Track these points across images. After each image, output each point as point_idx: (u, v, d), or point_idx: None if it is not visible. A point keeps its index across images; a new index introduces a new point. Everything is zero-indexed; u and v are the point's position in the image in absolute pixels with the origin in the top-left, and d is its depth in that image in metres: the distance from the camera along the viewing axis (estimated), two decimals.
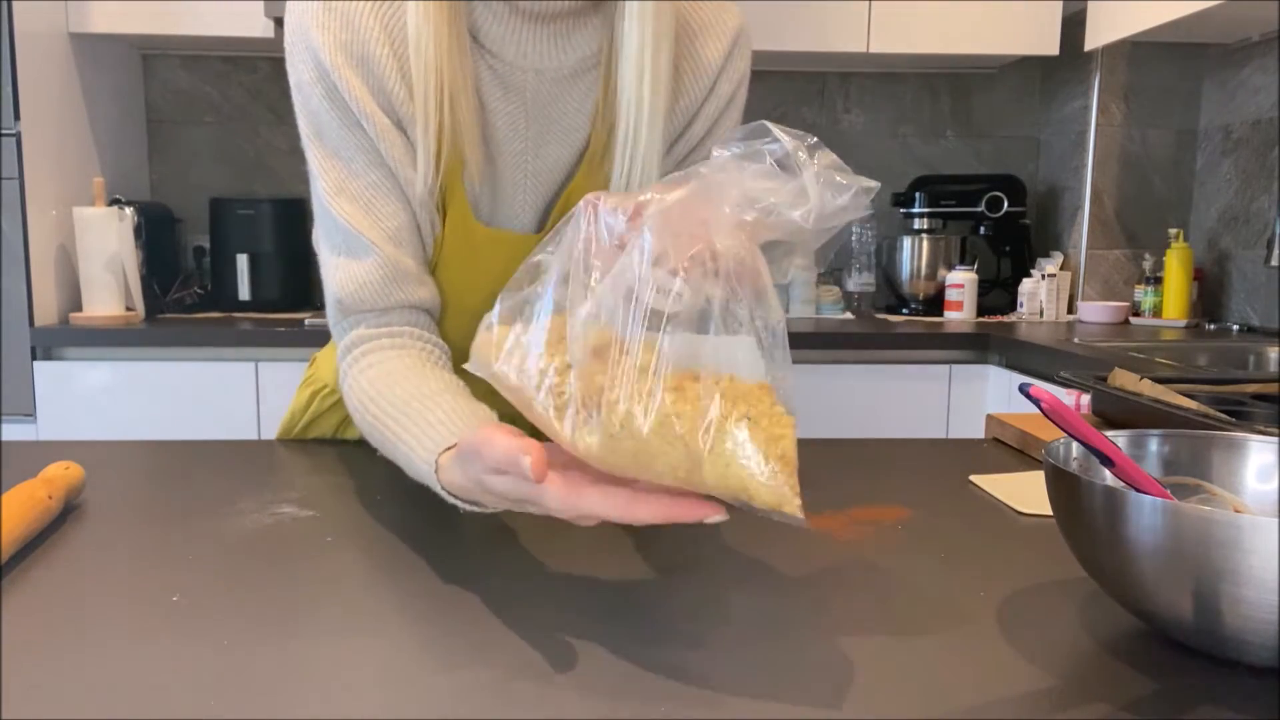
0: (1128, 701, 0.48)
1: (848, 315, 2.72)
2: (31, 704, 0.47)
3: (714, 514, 0.50)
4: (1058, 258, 2.73)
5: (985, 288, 2.76)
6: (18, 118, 2.16)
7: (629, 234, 0.53)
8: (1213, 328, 2.49)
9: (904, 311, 2.78)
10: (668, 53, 0.83)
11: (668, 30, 0.83)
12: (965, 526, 0.56)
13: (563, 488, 0.51)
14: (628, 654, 0.53)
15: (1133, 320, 2.64)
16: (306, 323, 2.31)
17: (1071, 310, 2.74)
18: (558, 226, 0.57)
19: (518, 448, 0.50)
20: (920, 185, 2.76)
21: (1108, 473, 0.58)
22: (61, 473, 0.76)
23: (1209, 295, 2.63)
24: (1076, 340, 2.22)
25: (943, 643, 0.55)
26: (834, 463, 0.94)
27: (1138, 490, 0.53)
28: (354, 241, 0.83)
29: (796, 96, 2.88)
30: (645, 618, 0.58)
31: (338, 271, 0.84)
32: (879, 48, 2.54)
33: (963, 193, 2.74)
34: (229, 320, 2.39)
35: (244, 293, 2.54)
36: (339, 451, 0.98)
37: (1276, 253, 2.13)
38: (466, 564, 0.67)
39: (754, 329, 0.51)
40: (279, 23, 2.36)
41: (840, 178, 0.51)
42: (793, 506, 0.49)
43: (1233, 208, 2.56)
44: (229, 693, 0.48)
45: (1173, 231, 2.58)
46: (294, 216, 2.62)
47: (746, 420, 0.50)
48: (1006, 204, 2.72)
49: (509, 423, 0.57)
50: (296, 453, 0.98)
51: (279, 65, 2.74)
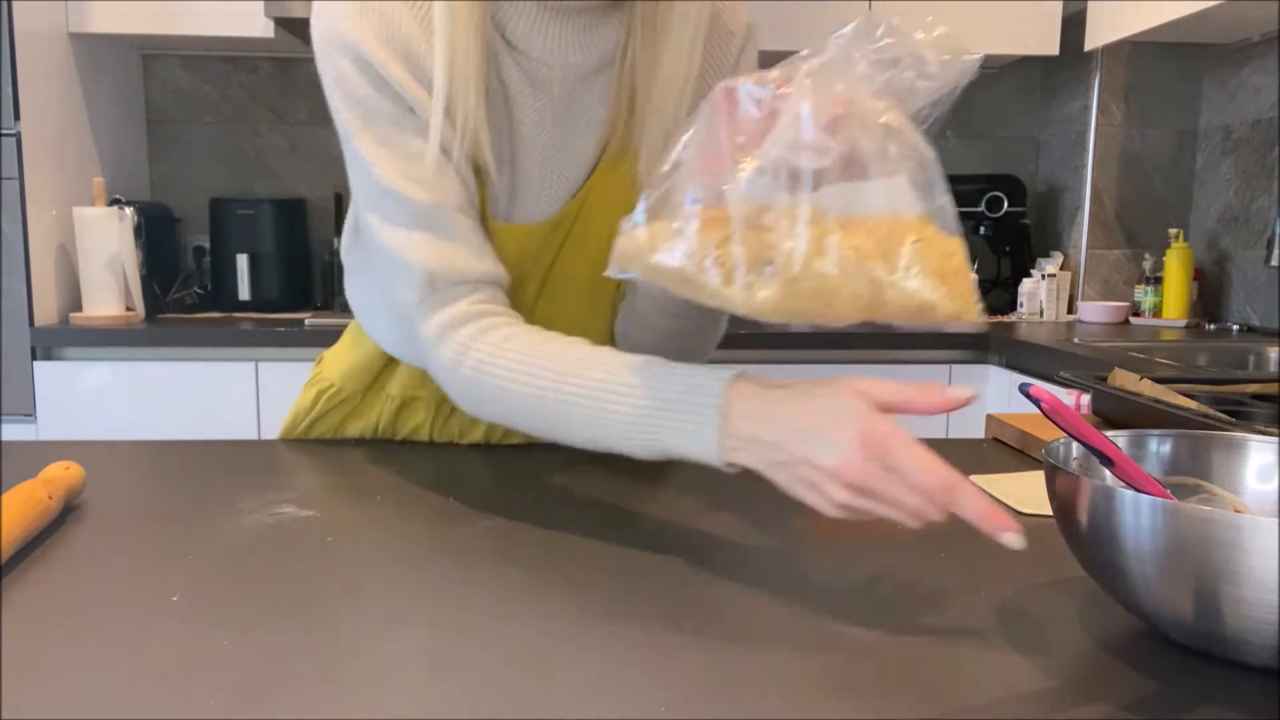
0: (1128, 702, 0.48)
1: None
2: (31, 704, 0.47)
3: (1013, 534, 0.54)
4: (1058, 258, 2.73)
5: (985, 288, 2.75)
6: (18, 118, 2.16)
7: (777, 102, 0.59)
8: (1213, 328, 2.49)
9: None
10: (700, 49, 0.85)
11: (702, 28, 0.85)
12: (965, 526, 0.56)
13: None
14: (628, 653, 0.53)
15: (1133, 320, 2.64)
16: (306, 323, 2.30)
17: (1071, 310, 2.74)
18: (688, 122, 0.62)
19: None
20: None
21: (1108, 473, 0.58)
22: (61, 473, 0.76)
23: (1209, 295, 2.63)
24: (1076, 340, 2.22)
25: (942, 643, 0.55)
26: None
27: (1138, 490, 0.53)
28: (431, 216, 0.80)
29: None
30: (645, 617, 0.58)
31: (423, 246, 0.80)
32: None
33: (963, 192, 2.74)
34: (229, 320, 2.39)
35: (244, 293, 2.54)
36: (339, 451, 0.98)
37: (1276, 253, 2.13)
38: (466, 564, 0.67)
39: (906, 169, 0.57)
40: (279, 23, 2.36)
41: (948, 47, 0.58)
42: (973, 313, 0.57)
43: (1233, 208, 2.56)
44: (229, 693, 0.48)
45: (1173, 231, 2.58)
46: (294, 216, 2.62)
47: (918, 244, 0.56)
48: (1006, 204, 2.72)
49: None
50: (296, 453, 0.98)
51: (279, 65, 2.77)
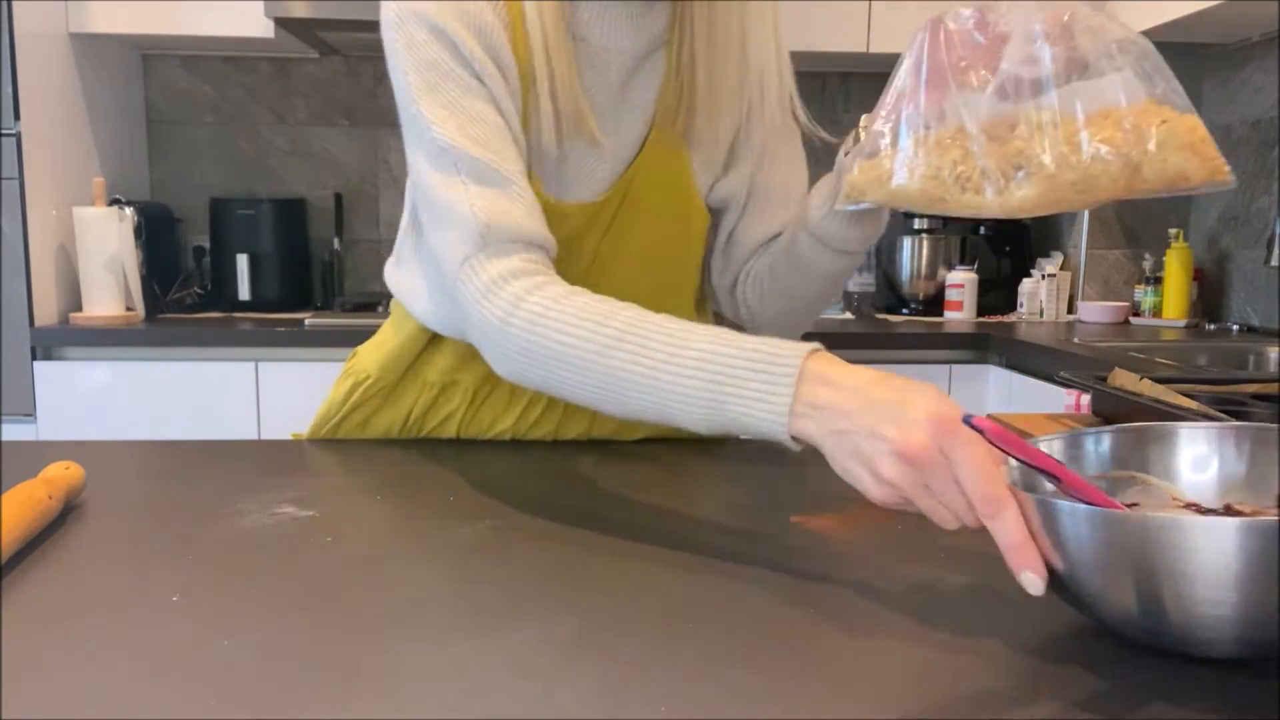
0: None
1: (848, 315, 2.72)
2: (31, 704, 0.47)
3: (1035, 576, 0.53)
4: (1058, 258, 2.73)
5: (985, 287, 2.75)
6: (18, 118, 2.16)
7: (997, 24, 0.68)
8: (1213, 328, 2.49)
9: (904, 311, 2.78)
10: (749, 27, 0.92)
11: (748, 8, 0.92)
12: (965, 526, 0.56)
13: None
14: (627, 654, 0.53)
15: (1133, 320, 2.64)
16: (306, 323, 2.30)
17: (1071, 310, 2.74)
18: (901, 59, 0.72)
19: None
20: None
21: (1050, 486, 0.58)
22: (61, 473, 0.76)
23: (1209, 295, 2.63)
24: (1076, 340, 2.22)
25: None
26: None
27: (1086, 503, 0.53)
28: (489, 173, 0.81)
29: None
30: (645, 618, 0.58)
31: (479, 199, 0.80)
32: (879, 48, 2.53)
33: None
34: (229, 320, 2.39)
35: (244, 293, 2.54)
36: (339, 451, 0.99)
37: (1276, 253, 2.13)
38: (466, 564, 0.67)
39: (1129, 62, 0.65)
40: (279, 23, 2.36)
41: None
42: (1224, 174, 0.64)
43: (1233, 208, 2.56)
44: (229, 693, 0.48)
45: (1173, 231, 2.58)
46: (294, 216, 2.62)
47: (1163, 123, 0.64)
48: None
49: None
50: (296, 452, 0.98)
51: (279, 65, 2.77)
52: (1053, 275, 2.68)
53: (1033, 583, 0.52)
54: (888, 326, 2.47)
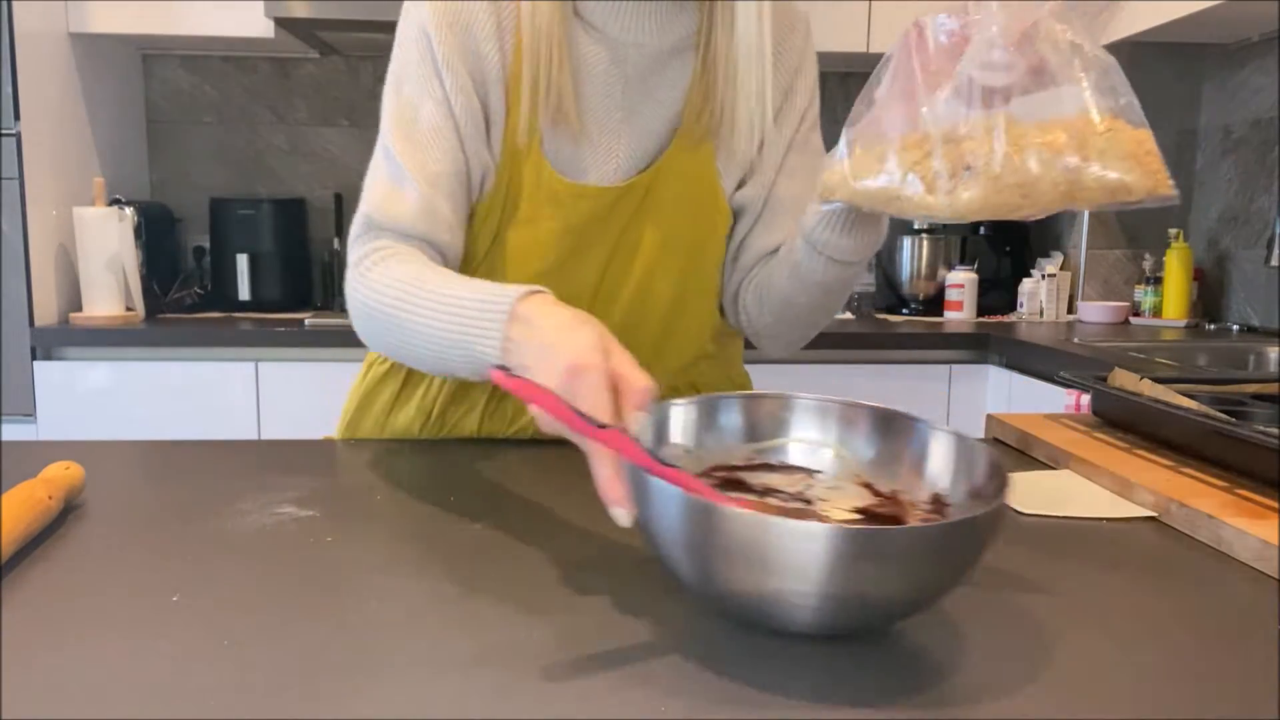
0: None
1: (848, 315, 2.72)
2: (31, 704, 0.47)
3: (622, 510, 0.58)
4: (1058, 258, 2.73)
5: (985, 287, 2.76)
6: (18, 118, 2.16)
7: (967, 29, 0.68)
8: (1213, 328, 2.50)
9: (904, 311, 2.78)
10: (769, 41, 0.94)
11: (767, 21, 0.94)
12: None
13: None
14: (627, 654, 0.53)
15: (1133, 320, 2.64)
16: (307, 323, 2.31)
17: (1071, 310, 2.74)
18: (883, 61, 0.71)
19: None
20: None
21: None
22: (61, 473, 0.76)
23: (1209, 295, 2.63)
24: (1076, 340, 2.22)
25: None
26: None
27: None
28: (397, 171, 0.91)
29: None
30: (645, 619, 0.58)
31: (376, 189, 0.92)
32: (879, 48, 2.54)
33: None
34: (229, 320, 2.39)
35: (244, 293, 2.54)
36: (338, 451, 0.99)
37: (1276, 253, 2.14)
38: (466, 565, 0.67)
39: (1090, 75, 0.65)
40: (279, 23, 2.36)
41: None
42: (1166, 187, 0.64)
43: (1233, 208, 2.56)
44: (229, 693, 0.48)
45: (1173, 231, 2.58)
46: (294, 216, 2.62)
47: (1109, 134, 0.64)
48: None
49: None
50: (296, 452, 0.98)
51: (279, 65, 2.77)
52: (1053, 275, 2.68)
53: (621, 515, 0.58)
54: (888, 326, 2.47)
